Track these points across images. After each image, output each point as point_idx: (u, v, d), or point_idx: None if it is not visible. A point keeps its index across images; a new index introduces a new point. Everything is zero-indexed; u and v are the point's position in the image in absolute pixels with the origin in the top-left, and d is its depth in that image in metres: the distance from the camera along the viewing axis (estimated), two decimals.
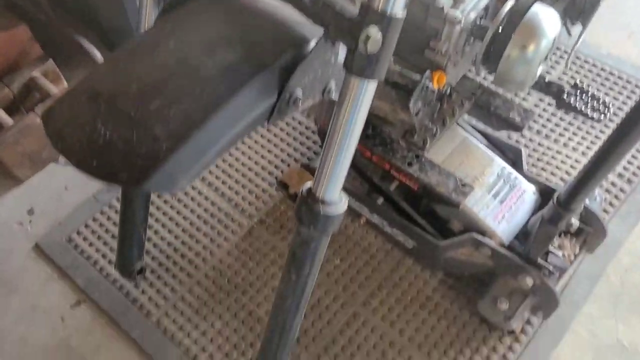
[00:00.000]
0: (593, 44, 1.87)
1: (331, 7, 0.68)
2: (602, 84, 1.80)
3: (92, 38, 1.86)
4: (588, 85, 1.36)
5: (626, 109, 1.74)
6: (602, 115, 1.30)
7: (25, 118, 1.61)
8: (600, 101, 1.32)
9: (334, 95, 0.79)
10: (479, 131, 1.48)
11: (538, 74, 1.12)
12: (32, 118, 1.61)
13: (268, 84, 0.68)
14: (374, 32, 0.61)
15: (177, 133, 0.62)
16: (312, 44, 0.72)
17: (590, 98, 1.32)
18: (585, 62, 1.85)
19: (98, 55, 1.77)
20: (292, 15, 0.74)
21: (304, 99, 0.73)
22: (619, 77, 1.81)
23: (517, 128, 1.34)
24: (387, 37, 0.63)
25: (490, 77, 1.16)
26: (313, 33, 0.73)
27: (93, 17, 1.86)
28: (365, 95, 0.67)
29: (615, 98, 1.77)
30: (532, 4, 1.13)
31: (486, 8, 1.19)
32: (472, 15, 1.18)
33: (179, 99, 0.64)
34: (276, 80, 0.69)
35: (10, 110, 1.69)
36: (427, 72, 1.19)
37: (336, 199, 0.77)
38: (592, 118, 1.29)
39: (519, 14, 1.11)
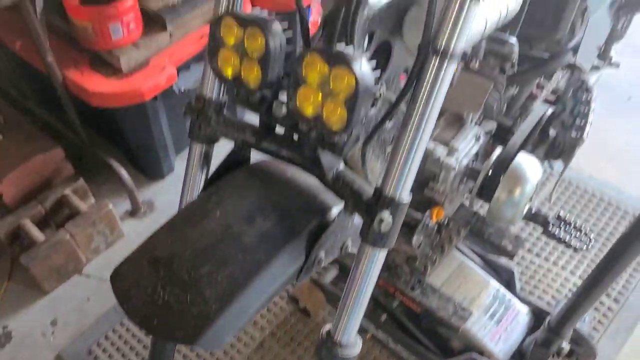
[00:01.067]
0: (575, 168, 2.05)
1: (350, 186, 0.83)
2: (585, 205, 1.96)
3: (120, 158, 2.04)
4: (572, 217, 1.50)
5: (609, 229, 1.88)
6: (585, 246, 1.44)
7: (56, 234, 1.74)
8: (583, 232, 1.47)
9: (351, 249, 0.93)
10: (474, 251, 1.61)
11: (525, 211, 1.27)
12: (63, 234, 1.75)
13: (298, 250, 0.82)
14: (386, 216, 0.76)
15: (223, 295, 0.75)
16: (335, 211, 0.87)
17: (573, 229, 1.46)
18: (570, 183, 2.02)
19: (125, 175, 1.94)
20: (317, 183, 0.89)
21: (325, 258, 0.86)
22: (601, 199, 1.97)
23: (509, 255, 1.48)
24: (396, 218, 0.77)
25: (485, 205, 1.30)
26: (335, 201, 0.88)
27: (122, 139, 2.05)
28: (377, 261, 0.81)
29: (598, 219, 1.92)
30: (517, 153, 1.30)
31: (477, 154, 1.36)
32: (465, 162, 1.35)
33: (225, 264, 0.78)
34: (304, 246, 0.83)
35: (41, 225, 1.82)
36: (427, 212, 1.34)
37: (352, 341, 0.88)
38: (576, 249, 1.43)
39: (505, 162, 1.27)
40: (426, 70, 0.71)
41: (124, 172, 1.94)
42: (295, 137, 0.85)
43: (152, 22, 1.85)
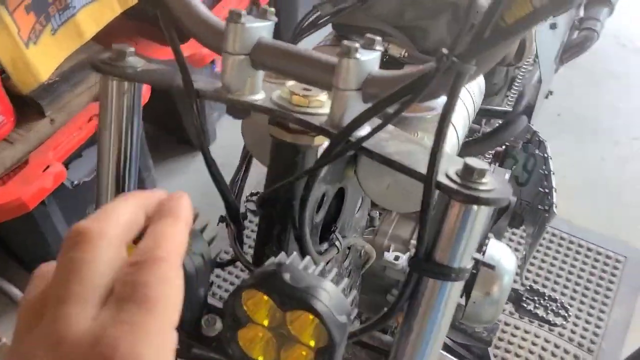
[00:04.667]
0: None
1: None
2: (550, 243, 1.85)
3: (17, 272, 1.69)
4: (543, 288, 1.37)
5: (567, 267, 1.78)
6: (564, 319, 1.30)
7: None
8: (558, 302, 1.32)
9: None
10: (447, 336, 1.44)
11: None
12: None
13: None
14: None
15: None
16: None
17: (548, 301, 1.32)
18: None
19: (17, 295, 1.60)
20: None
21: None
22: (553, 234, 1.87)
23: (485, 343, 1.31)
24: None
25: None
26: None
27: (14, 251, 1.70)
28: None
29: (554, 257, 1.81)
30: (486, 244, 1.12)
31: None
32: None
33: None
34: None
35: None
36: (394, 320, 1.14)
37: None
38: (555, 324, 1.28)
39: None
40: (421, 292, 0.50)
41: (15, 292, 1.60)
42: None
43: (26, 108, 1.52)
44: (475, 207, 0.46)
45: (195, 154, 2.25)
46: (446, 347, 1.39)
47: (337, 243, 0.76)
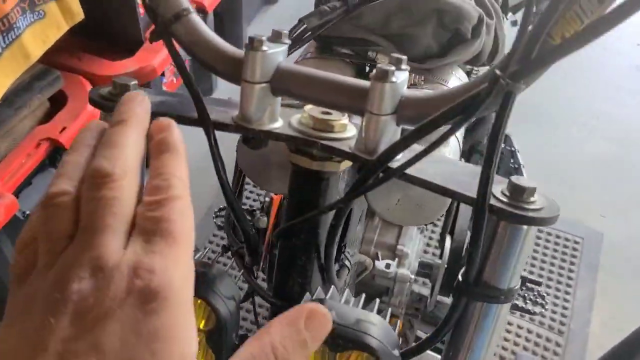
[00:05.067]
0: None
1: None
2: None
3: None
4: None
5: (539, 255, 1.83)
6: (542, 307, 1.34)
7: None
8: (535, 291, 1.36)
9: None
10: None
11: None
12: None
13: None
14: None
15: None
16: None
17: (525, 291, 1.35)
18: None
19: None
20: None
21: None
22: None
23: None
24: None
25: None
26: None
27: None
28: None
29: None
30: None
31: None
32: (416, 264, 1.16)
33: None
34: None
35: None
36: None
37: None
38: (535, 313, 1.31)
39: (460, 252, 1.10)
40: (470, 315, 0.49)
41: None
42: None
43: None
44: (525, 227, 0.45)
45: None
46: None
47: (347, 262, 0.74)
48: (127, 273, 0.30)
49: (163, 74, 1.82)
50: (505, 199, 0.45)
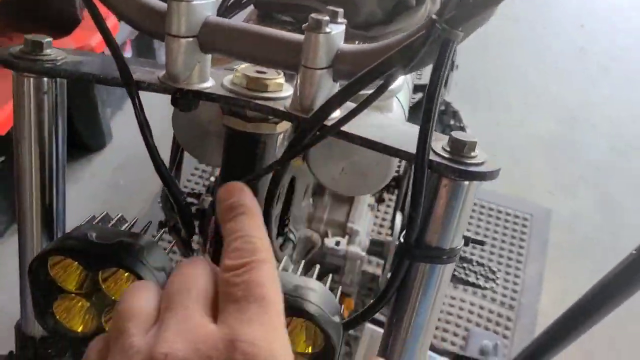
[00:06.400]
0: None
1: None
2: None
3: None
4: (470, 255, 1.41)
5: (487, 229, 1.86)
6: (493, 282, 1.35)
7: None
8: (485, 267, 1.37)
9: None
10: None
11: None
12: None
13: None
14: None
15: None
16: None
17: (476, 266, 1.36)
18: None
19: None
20: None
21: None
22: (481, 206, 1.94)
23: None
24: None
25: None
26: None
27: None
28: None
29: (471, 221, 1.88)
30: None
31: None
32: (367, 241, 1.14)
33: None
34: None
35: None
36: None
37: None
38: (486, 288, 1.33)
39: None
40: (412, 278, 0.47)
41: None
42: None
43: None
44: (466, 182, 0.43)
45: (90, 157, 2.07)
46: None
47: (291, 236, 0.72)
48: (224, 348, 0.28)
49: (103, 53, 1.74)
50: (445, 155, 0.43)
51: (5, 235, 1.74)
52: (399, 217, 1.16)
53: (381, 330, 1.38)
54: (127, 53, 1.94)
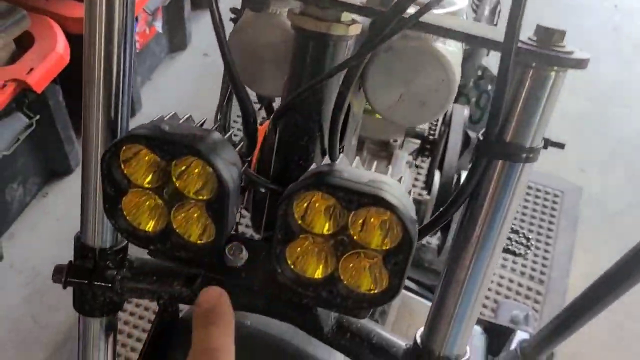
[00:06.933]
0: None
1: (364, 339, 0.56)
2: None
3: None
4: None
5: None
6: (527, 248, 1.33)
7: None
8: (520, 234, 1.35)
9: None
10: (412, 279, 1.43)
11: None
12: None
13: None
14: None
15: None
16: None
17: (511, 233, 1.34)
18: None
19: None
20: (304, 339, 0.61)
21: None
22: None
23: None
24: None
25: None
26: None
27: None
28: None
29: None
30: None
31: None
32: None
33: None
34: None
35: None
36: None
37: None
38: (520, 254, 1.31)
39: (449, 187, 1.09)
40: (489, 176, 0.46)
41: None
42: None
43: None
44: (553, 73, 0.42)
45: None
46: (413, 291, 1.38)
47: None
48: None
49: (137, 19, 1.74)
50: (533, 43, 0.42)
51: (37, 196, 1.76)
52: (437, 176, 1.14)
53: (412, 295, 1.37)
54: (158, 21, 1.94)
